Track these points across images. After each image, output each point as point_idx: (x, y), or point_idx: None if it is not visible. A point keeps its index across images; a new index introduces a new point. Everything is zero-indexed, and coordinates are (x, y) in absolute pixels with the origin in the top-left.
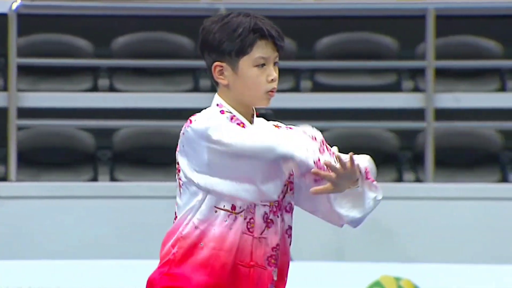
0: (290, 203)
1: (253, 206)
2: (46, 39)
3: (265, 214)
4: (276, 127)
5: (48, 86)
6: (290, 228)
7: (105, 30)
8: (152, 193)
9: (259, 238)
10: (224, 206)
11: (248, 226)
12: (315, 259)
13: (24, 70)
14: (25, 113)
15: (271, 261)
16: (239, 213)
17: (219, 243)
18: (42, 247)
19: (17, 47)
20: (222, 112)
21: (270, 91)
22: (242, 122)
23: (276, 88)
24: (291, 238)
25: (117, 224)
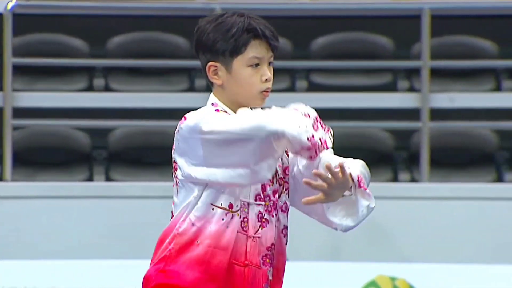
0: (286, 203)
1: (247, 205)
2: (41, 39)
3: (259, 213)
4: None
5: (43, 86)
6: (286, 228)
7: (100, 30)
8: (147, 193)
9: (254, 237)
10: (221, 204)
11: (242, 225)
12: (311, 259)
13: (19, 70)
14: (20, 113)
15: (266, 260)
16: (236, 211)
17: (215, 241)
18: (37, 247)
19: (12, 47)
20: (217, 111)
21: (264, 91)
22: None
23: (270, 88)
24: (287, 238)
25: (112, 224)
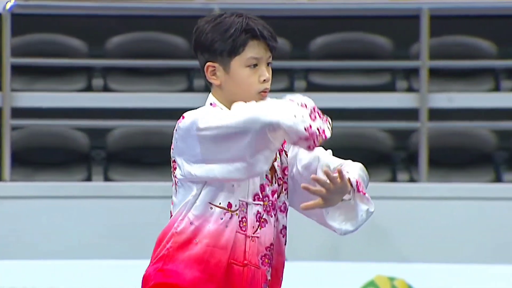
0: (285, 203)
1: (245, 205)
2: (40, 39)
3: (258, 213)
4: None
5: (42, 86)
6: (285, 228)
7: (99, 30)
8: (146, 193)
9: (252, 237)
10: (220, 203)
11: (240, 225)
12: (310, 259)
13: (18, 70)
14: (19, 113)
15: (265, 260)
16: (235, 211)
17: (214, 240)
18: (36, 247)
19: (11, 47)
20: None
21: (263, 92)
22: None
23: (268, 88)
24: (286, 238)
25: (111, 224)
